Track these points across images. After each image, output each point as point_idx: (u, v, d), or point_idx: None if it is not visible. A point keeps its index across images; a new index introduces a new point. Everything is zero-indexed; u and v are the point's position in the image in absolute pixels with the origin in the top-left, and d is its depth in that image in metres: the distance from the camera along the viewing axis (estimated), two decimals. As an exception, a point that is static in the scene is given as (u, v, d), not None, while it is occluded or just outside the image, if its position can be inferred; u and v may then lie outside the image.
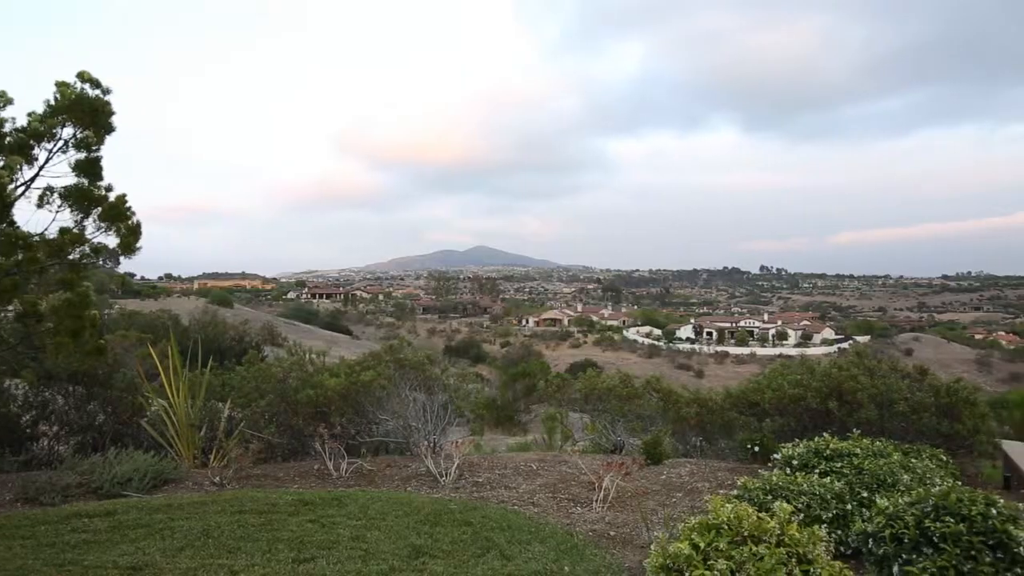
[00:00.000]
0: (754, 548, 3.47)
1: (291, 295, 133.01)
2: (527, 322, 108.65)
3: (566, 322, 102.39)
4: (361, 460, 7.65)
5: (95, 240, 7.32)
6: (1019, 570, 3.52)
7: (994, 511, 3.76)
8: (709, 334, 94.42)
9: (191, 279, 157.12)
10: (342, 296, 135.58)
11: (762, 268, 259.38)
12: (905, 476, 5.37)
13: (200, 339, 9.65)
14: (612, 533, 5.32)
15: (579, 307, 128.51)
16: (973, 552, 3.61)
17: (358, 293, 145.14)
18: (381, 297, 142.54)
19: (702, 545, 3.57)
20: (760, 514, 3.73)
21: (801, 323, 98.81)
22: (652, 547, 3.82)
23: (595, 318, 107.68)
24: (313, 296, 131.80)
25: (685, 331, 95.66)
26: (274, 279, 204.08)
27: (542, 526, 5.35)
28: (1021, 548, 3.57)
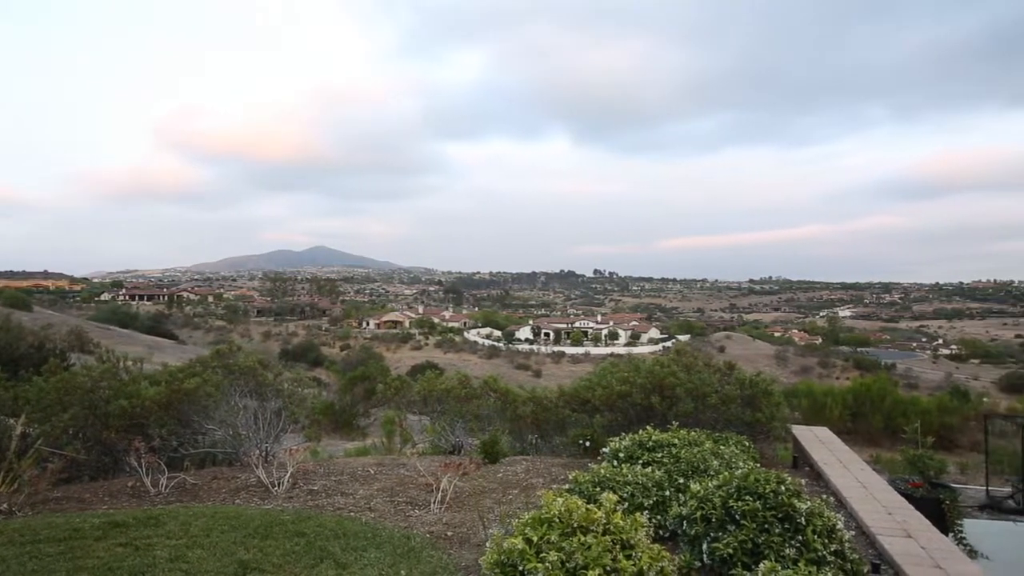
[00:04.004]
0: (582, 538, 3.66)
1: (105, 297, 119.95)
2: (368, 324, 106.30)
3: (407, 324, 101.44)
4: (184, 474, 7.11)
5: None
6: (801, 537, 4.03)
7: (783, 488, 4.29)
8: (547, 335, 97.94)
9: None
10: (166, 298, 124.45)
11: (596, 271, 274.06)
12: (715, 462, 5.93)
13: (-14, 347, 8.44)
14: (450, 533, 5.37)
15: (420, 309, 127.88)
16: (767, 525, 4.09)
17: (185, 295, 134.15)
18: (211, 299, 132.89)
19: (535, 539, 3.71)
20: (589, 505, 3.94)
21: (631, 323, 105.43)
22: (488, 544, 3.92)
23: (436, 320, 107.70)
24: (132, 298, 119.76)
25: (524, 332, 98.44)
26: (84, 279, 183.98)
27: (379, 531, 5.28)
28: (802, 518, 4.10)
